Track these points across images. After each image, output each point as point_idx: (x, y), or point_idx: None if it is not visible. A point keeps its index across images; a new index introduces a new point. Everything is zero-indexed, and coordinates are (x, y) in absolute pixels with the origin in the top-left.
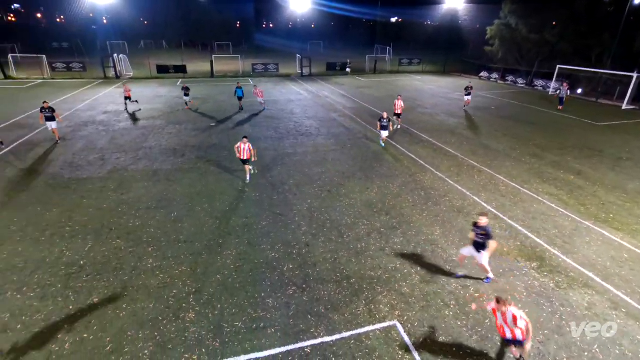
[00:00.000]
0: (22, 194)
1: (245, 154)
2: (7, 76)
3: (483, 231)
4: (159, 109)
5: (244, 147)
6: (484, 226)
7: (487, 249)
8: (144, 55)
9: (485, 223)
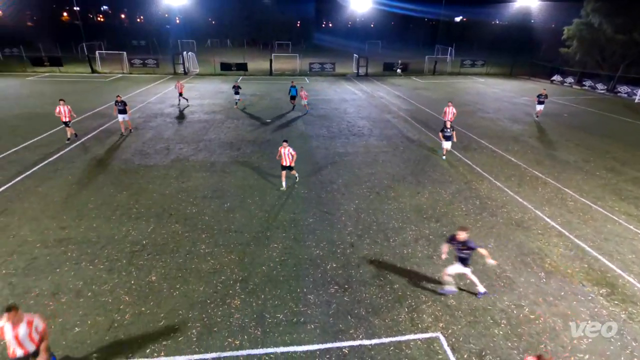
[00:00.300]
0: (100, 176)
1: (287, 160)
2: (94, 70)
3: (464, 246)
4: (220, 104)
5: (284, 151)
6: (464, 241)
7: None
8: (209, 53)
9: (465, 238)
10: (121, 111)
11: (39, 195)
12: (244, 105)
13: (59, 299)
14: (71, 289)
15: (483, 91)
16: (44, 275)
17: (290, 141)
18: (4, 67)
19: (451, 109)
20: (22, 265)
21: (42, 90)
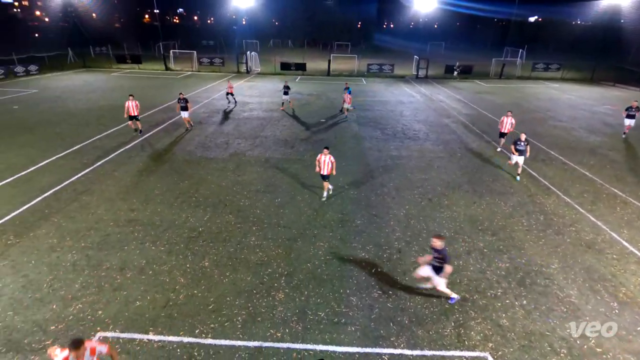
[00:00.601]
0: (166, 164)
1: (326, 168)
2: (167, 68)
3: (440, 255)
4: (278, 103)
5: (324, 159)
6: (440, 249)
7: (443, 273)
8: (271, 53)
9: (441, 246)
10: (183, 108)
11: (115, 179)
12: (292, 109)
13: (125, 274)
14: (135, 265)
15: (556, 97)
16: (114, 251)
17: (343, 142)
18: (94, 63)
19: (509, 120)
20: (97, 240)
21: (123, 85)
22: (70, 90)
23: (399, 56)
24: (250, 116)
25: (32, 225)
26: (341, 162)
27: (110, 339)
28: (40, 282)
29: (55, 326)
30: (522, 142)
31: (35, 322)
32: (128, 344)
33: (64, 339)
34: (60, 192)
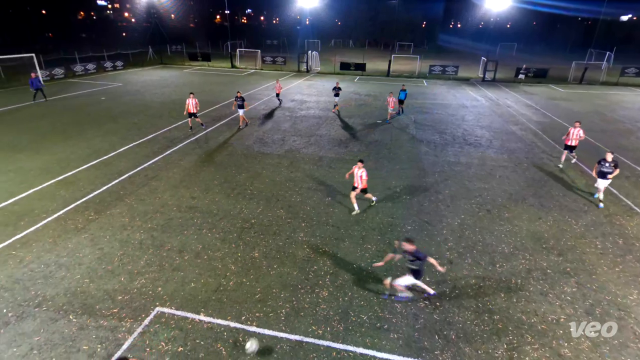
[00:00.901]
0: (226, 157)
1: (359, 182)
2: (233, 65)
3: (414, 256)
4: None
5: (357, 172)
6: (412, 251)
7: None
8: (331, 52)
9: (412, 249)
10: (240, 106)
11: (180, 168)
12: (338, 111)
13: (183, 256)
14: (193, 249)
15: None
16: (175, 234)
17: (399, 144)
18: (170, 60)
19: (577, 131)
20: (161, 223)
21: (193, 81)
22: (148, 84)
23: (464, 58)
24: (307, 114)
25: (109, 204)
26: (395, 165)
27: (166, 314)
28: (112, 255)
29: (122, 297)
30: (609, 163)
31: (105, 291)
32: (181, 321)
33: (128, 310)
34: (134, 177)
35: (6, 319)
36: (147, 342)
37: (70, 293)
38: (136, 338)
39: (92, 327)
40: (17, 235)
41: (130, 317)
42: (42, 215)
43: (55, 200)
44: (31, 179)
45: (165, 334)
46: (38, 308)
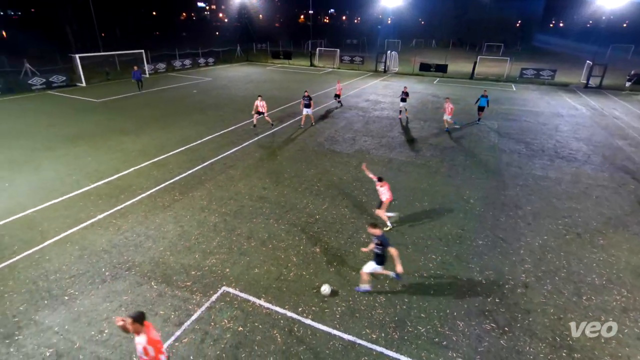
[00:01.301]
0: (297, 152)
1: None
2: (312, 64)
3: (378, 241)
4: (410, 104)
5: (380, 189)
6: (378, 235)
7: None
8: (412, 52)
9: (379, 232)
10: (306, 105)
11: (255, 159)
12: (406, 117)
13: (250, 242)
14: (259, 237)
15: None
16: (245, 221)
17: (477, 152)
18: (255, 58)
19: None
20: (234, 209)
21: (273, 78)
22: (234, 80)
23: (564, 60)
24: (381, 115)
25: (192, 187)
26: (470, 173)
27: (231, 294)
28: (190, 234)
29: (195, 272)
30: None
31: (182, 265)
32: (244, 303)
33: (199, 285)
34: (215, 164)
35: (104, 277)
36: (212, 317)
37: (154, 262)
38: (203, 312)
39: (169, 295)
40: (118, 207)
41: (200, 292)
42: (137, 192)
43: (149, 179)
44: (132, 159)
45: (228, 312)
46: (128, 272)
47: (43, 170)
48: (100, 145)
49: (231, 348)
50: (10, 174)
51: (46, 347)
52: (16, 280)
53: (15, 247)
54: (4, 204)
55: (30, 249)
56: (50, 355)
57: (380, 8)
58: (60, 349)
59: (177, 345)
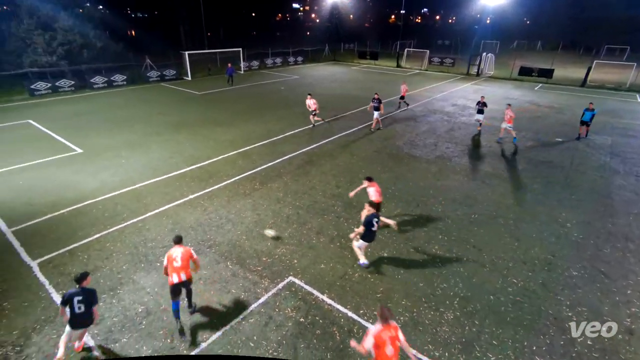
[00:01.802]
0: (374, 154)
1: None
2: (398, 65)
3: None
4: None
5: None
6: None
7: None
8: (511, 55)
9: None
10: (376, 108)
11: (331, 157)
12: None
13: (319, 238)
14: (329, 234)
15: None
16: (316, 216)
17: (581, 171)
18: (341, 58)
19: None
20: (307, 204)
21: (358, 78)
22: (319, 78)
23: None
24: (468, 121)
25: (270, 179)
26: (570, 194)
27: (296, 285)
28: (265, 222)
29: (265, 259)
30: None
31: (255, 250)
32: (307, 295)
33: (268, 271)
34: (293, 159)
35: None
36: (277, 304)
37: (232, 244)
38: (269, 297)
39: (241, 276)
40: (206, 190)
41: (268, 278)
42: (224, 178)
43: (234, 168)
44: (222, 148)
45: (292, 301)
46: (209, 249)
47: (151, 152)
48: (197, 133)
49: (291, 337)
50: (128, 153)
51: (139, 304)
52: (123, 243)
53: (125, 215)
54: (121, 177)
55: (135, 218)
56: (142, 312)
57: (479, 7)
58: (150, 308)
59: (244, 323)
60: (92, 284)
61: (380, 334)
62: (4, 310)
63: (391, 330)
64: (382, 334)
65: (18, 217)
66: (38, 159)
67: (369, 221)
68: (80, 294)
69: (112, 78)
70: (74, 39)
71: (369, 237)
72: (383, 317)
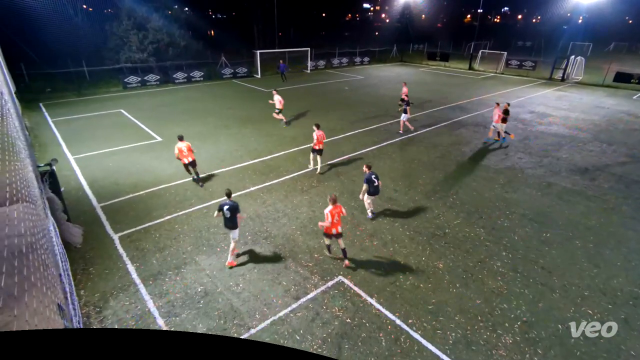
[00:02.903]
0: (436, 159)
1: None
2: (471, 67)
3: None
4: (592, 121)
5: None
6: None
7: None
8: (606, 59)
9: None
10: (405, 110)
11: (391, 160)
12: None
13: (372, 241)
14: (382, 238)
15: None
16: (369, 219)
17: None
18: (409, 59)
19: None
20: (362, 205)
21: (424, 80)
22: (384, 79)
23: None
24: (547, 131)
25: (328, 177)
26: None
27: (345, 285)
28: (320, 219)
29: (317, 255)
30: None
31: (308, 246)
32: (356, 297)
33: (319, 268)
34: (352, 159)
35: (246, 240)
36: (325, 301)
37: (286, 238)
38: (318, 294)
39: (292, 270)
40: (266, 183)
41: (318, 275)
42: (283, 173)
43: (294, 164)
44: (284, 144)
45: (340, 301)
46: (264, 240)
47: (220, 144)
48: (261, 129)
49: (337, 336)
50: (199, 144)
51: (199, 284)
52: (189, 225)
53: (192, 200)
54: None
55: (201, 204)
56: (200, 292)
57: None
58: (208, 289)
59: (291, 316)
60: (160, 261)
61: (332, 211)
62: (90, 274)
63: (337, 209)
64: (332, 211)
65: (106, 195)
66: (125, 145)
67: (368, 178)
68: (229, 204)
69: (191, 74)
70: (162, 38)
71: (373, 191)
72: (332, 201)
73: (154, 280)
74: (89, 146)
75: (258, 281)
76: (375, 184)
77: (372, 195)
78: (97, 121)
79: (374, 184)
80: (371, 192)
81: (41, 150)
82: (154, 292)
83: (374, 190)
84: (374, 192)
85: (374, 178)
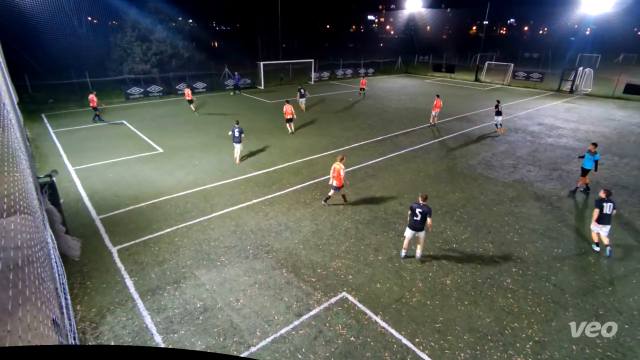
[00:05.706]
0: (443, 172)
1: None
2: (477, 79)
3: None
4: (603, 133)
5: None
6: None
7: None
8: (615, 70)
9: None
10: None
11: (397, 172)
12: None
13: (377, 255)
14: (387, 252)
15: None
16: (375, 232)
17: None
18: (414, 70)
19: None
20: (367, 218)
21: (430, 91)
22: (389, 91)
23: None
24: (556, 143)
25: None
26: None
27: (349, 302)
28: (323, 233)
29: (320, 270)
30: None
31: (310, 260)
32: (360, 314)
33: (322, 284)
34: (357, 171)
35: (247, 254)
36: (328, 319)
37: (288, 252)
38: (321, 310)
39: (295, 285)
40: (269, 195)
41: (322, 291)
42: (286, 185)
43: (297, 176)
44: (287, 156)
45: (344, 318)
46: (266, 254)
47: (222, 155)
48: (265, 140)
49: (340, 355)
50: (201, 154)
51: (198, 299)
52: (189, 239)
53: (193, 213)
54: (193, 177)
55: (202, 217)
56: (200, 307)
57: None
58: (207, 304)
59: (293, 333)
60: (159, 275)
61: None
62: (87, 288)
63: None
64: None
65: (106, 207)
66: (126, 156)
67: (412, 208)
68: (421, 207)
69: (194, 85)
70: (165, 50)
71: (411, 226)
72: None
73: (152, 295)
74: (90, 157)
75: (259, 297)
76: (416, 218)
77: (411, 230)
78: (98, 132)
79: (415, 218)
80: (410, 225)
81: (42, 161)
82: (152, 307)
83: (412, 225)
84: (412, 226)
85: (417, 211)
